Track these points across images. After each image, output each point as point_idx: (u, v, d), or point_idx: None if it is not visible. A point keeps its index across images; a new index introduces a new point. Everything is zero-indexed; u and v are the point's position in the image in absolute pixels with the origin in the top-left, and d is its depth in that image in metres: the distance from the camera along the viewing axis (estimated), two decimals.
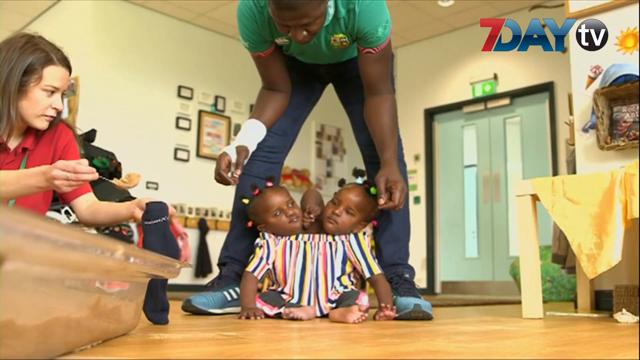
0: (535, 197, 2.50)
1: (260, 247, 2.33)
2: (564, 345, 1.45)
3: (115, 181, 1.90)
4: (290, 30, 2.14)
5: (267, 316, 2.17)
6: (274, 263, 2.32)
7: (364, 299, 2.11)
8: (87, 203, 2.07)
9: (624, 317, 2.29)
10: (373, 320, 2.14)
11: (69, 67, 2.02)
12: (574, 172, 2.93)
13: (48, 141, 2.07)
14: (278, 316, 2.15)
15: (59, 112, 2.04)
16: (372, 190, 2.32)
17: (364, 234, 2.38)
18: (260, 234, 2.36)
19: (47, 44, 1.98)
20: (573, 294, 4.14)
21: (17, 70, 1.90)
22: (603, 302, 3.14)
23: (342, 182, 2.44)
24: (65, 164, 1.74)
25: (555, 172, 6.67)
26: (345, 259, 2.32)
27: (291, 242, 2.34)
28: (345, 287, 2.30)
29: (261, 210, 2.35)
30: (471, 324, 2.25)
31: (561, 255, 3.62)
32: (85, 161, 1.78)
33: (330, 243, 2.33)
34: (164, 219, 1.78)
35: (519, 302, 2.58)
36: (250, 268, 2.28)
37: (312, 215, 2.39)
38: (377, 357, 1.14)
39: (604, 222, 2.23)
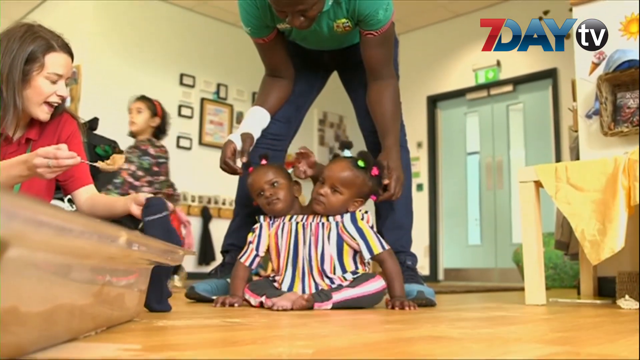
0: (538, 184, 2.50)
1: (253, 231, 2.25)
2: (567, 331, 1.45)
3: (99, 164, 1.89)
4: (288, 16, 2.13)
5: (251, 305, 2.07)
6: (268, 247, 2.22)
7: (370, 285, 2.01)
8: (87, 195, 2.06)
9: (627, 303, 2.29)
10: (375, 308, 2.14)
11: (70, 54, 2.01)
12: (577, 159, 2.93)
13: (52, 131, 2.07)
14: (262, 306, 2.02)
15: (62, 101, 2.03)
16: (360, 162, 2.12)
17: (366, 212, 2.18)
18: (257, 217, 2.29)
19: (47, 32, 1.97)
20: (576, 280, 4.15)
21: (19, 59, 1.89)
22: (606, 289, 3.14)
23: (335, 157, 2.26)
24: (45, 151, 1.72)
25: (558, 159, 6.66)
26: (340, 243, 2.12)
27: (284, 223, 2.21)
28: (354, 272, 2.13)
29: (249, 190, 2.28)
30: (474, 310, 2.26)
31: (564, 241, 3.62)
32: (64, 146, 1.75)
33: (322, 224, 2.15)
34: (165, 213, 1.78)
35: (522, 289, 2.58)
36: (240, 255, 2.22)
37: (302, 167, 2.24)
38: (380, 343, 1.15)
39: (608, 209, 2.23)
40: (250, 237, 2.24)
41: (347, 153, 2.16)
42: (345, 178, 2.09)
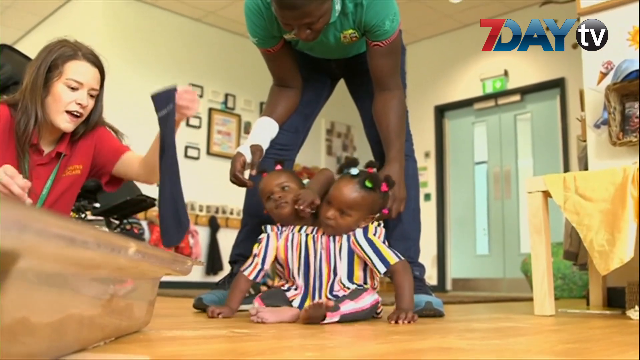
0: (546, 194, 2.49)
1: (259, 242, 2.16)
2: (576, 342, 1.44)
3: None
4: (294, 28, 2.13)
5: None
6: (276, 257, 2.14)
7: (365, 299, 1.91)
8: (136, 159, 2.17)
9: (637, 314, 2.27)
10: (383, 319, 2.13)
11: (97, 66, 2.04)
12: (586, 169, 2.92)
13: (84, 146, 2.11)
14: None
15: (91, 114, 2.06)
16: (368, 183, 1.99)
17: (379, 225, 2.08)
18: (263, 226, 2.20)
19: (77, 44, 2.03)
20: (585, 291, 4.12)
21: (42, 67, 1.95)
22: (615, 299, 3.12)
23: (341, 169, 2.11)
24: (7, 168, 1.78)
25: (566, 169, 6.65)
26: (351, 257, 2.04)
27: (293, 234, 2.12)
28: (360, 285, 2.05)
29: (260, 195, 2.20)
30: (483, 321, 2.25)
31: (573, 252, 3.60)
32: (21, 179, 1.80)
33: (333, 237, 2.06)
34: (170, 107, 1.90)
35: (531, 299, 2.57)
36: (243, 267, 2.15)
37: (301, 207, 2.04)
38: (389, 354, 1.14)
39: (616, 219, 2.22)
40: (255, 248, 2.17)
41: (353, 171, 2.04)
42: (352, 202, 1.98)
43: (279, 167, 2.24)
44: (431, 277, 7.51)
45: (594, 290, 3.22)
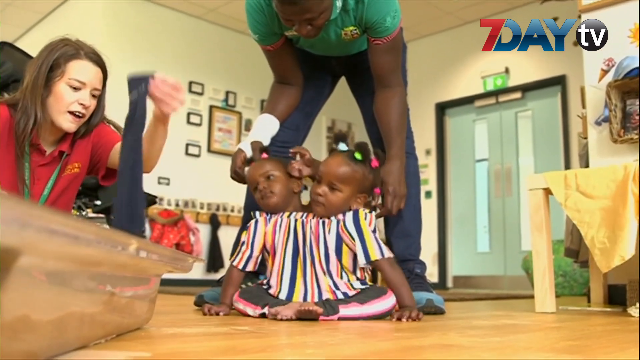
0: (547, 191, 2.49)
1: (247, 230, 2.09)
2: (577, 340, 1.44)
3: None
4: (295, 24, 2.14)
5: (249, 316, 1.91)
6: (265, 246, 2.06)
7: (376, 305, 1.85)
8: None
9: (638, 311, 2.27)
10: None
11: (100, 65, 2.03)
12: (587, 166, 2.92)
13: (85, 143, 2.10)
14: (263, 316, 1.85)
15: (93, 115, 2.05)
16: (357, 155, 1.93)
17: (372, 210, 2.01)
18: (252, 212, 2.13)
19: (79, 43, 2.01)
20: (586, 288, 4.12)
21: (44, 66, 1.93)
22: (616, 297, 3.12)
23: (332, 150, 2.05)
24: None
25: (567, 166, 6.64)
26: (339, 242, 1.94)
27: (282, 219, 2.04)
28: (364, 282, 1.96)
29: (249, 186, 2.17)
30: (484, 318, 2.25)
31: (574, 249, 3.60)
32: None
33: (323, 221, 1.97)
34: (142, 89, 1.85)
35: (532, 297, 2.57)
36: (232, 257, 2.10)
37: (297, 165, 2.03)
38: (389, 352, 1.14)
39: (618, 216, 2.22)
40: (243, 236, 2.11)
41: (342, 147, 1.98)
42: (342, 174, 1.92)
43: (264, 155, 2.19)
44: (432, 274, 7.51)
45: (594, 288, 3.22)
